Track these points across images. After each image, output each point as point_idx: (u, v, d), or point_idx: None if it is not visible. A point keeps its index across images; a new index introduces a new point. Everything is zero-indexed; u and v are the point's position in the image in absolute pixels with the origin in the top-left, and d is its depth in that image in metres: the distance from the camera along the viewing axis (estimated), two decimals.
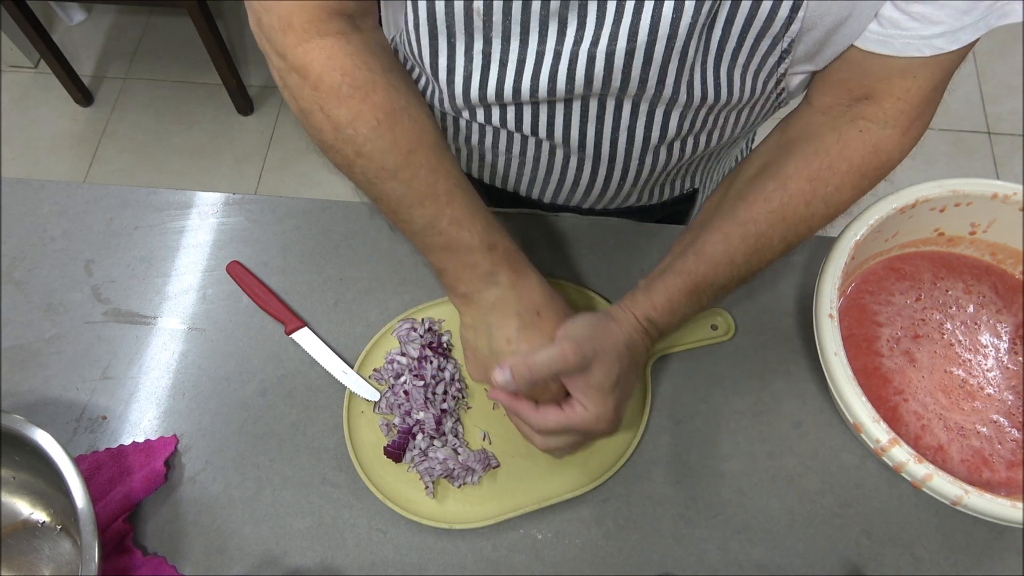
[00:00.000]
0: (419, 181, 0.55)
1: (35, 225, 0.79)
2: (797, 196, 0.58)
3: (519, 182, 0.74)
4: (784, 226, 0.59)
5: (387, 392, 0.68)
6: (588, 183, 0.70)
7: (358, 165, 0.56)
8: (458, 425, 0.68)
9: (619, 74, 0.55)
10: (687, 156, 0.68)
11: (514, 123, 0.64)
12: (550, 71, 0.56)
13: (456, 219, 0.56)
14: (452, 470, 0.64)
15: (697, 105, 0.60)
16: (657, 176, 0.70)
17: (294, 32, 0.54)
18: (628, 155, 0.65)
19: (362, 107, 0.54)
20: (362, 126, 0.54)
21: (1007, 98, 1.96)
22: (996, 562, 0.62)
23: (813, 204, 0.59)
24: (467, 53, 0.58)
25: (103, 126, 2.02)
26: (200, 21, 1.71)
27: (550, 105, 0.61)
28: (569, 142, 0.64)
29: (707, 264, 0.59)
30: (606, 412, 0.56)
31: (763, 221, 0.59)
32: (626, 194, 0.72)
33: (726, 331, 0.71)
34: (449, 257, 0.58)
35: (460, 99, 0.62)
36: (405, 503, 0.64)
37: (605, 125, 0.62)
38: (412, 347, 0.69)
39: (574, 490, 0.64)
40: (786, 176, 0.59)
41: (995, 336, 0.68)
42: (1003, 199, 0.65)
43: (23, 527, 0.64)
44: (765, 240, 0.59)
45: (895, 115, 0.57)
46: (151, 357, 0.72)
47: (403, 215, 0.57)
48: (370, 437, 0.67)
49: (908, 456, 0.55)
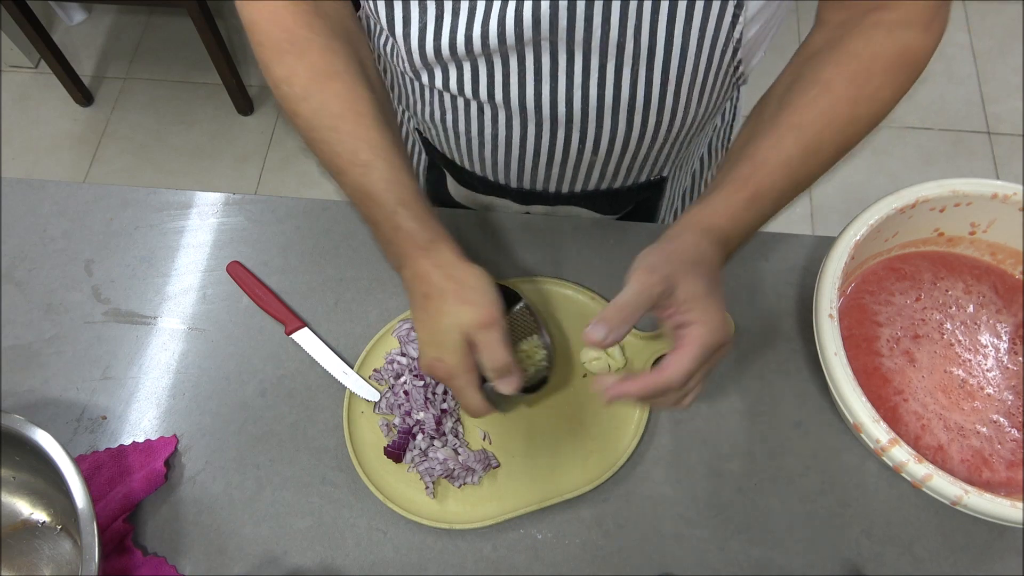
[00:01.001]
0: (343, 148, 0.58)
1: (35, 225, 0.79)
2: (842, 97, 0.57)
3: (483, 163, 0.73)
4: (833, 128, 0.58)
5: (387, 392, 0.68)
6: (548, 153, 0.69)
7: (296, 124, 0.59)
8: (458, 425, 0.68)
9: (564, 12, 0.56)
10: (649, 133, 0.66)
11: (471, 85, 0.63)
12: (499, 14, 0.57)
13: (369, 193, 0.58)
14: (452, 470, 0.64)
15: (648, 62, 0.59)
16: (620, 150, 0.68)
17: None
18: (584, 117, 0.64)
19: (296, 65, 0.58)
20: (296, 84, 0.58)
21: (1007, 98, 1.96)
22: (996, 562, 0.62)
23: (859, 104, 0.58)
24: (421, 3, 0.59)
25: (103, 126, 2.02)
26: (200, 21, 1.71)
27: (504, 59, 0.60)
28: (525, 104, 0.64)
29: (763, 170, 0.58)
30: (718, 315, 0.53)
31: (813, 124, 0.58)
32: (587, 167, 0.70)
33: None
34: (371, 228, 0.60)
35: (416, 55, 0.62)
36: (405, 503, 0.64)
37: (559, 83, 0.61)
38: (412, 347, 0.69)
39: (574, 490, 0.64)
40: (826, 80, 0.58)
41: (995, 336, 0.68)
42: (1003, 199, 0.65)
43: (23, 527, 0.64)
44: (817, 143, 0.58)
45: (915, 14, 0.57)
46: (151, 357, 0.72)
47: (337, 179, 0.60)
48: (370, 437, 0.67)
49: (908, 456, 0.55)
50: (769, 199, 0.58)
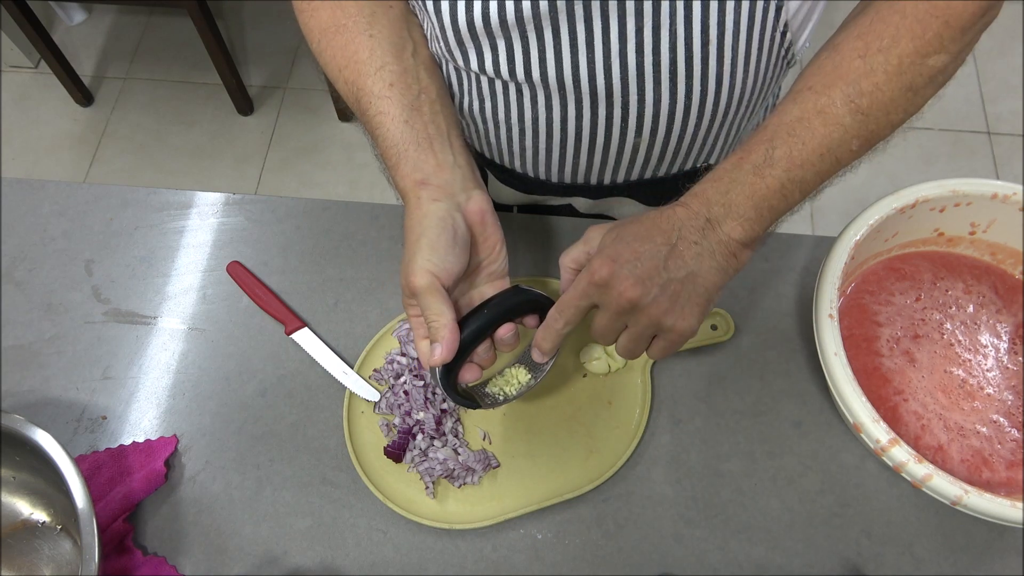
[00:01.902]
0: (347, 93, 0.60)
1: (35, 225, 0.79)
2: (849, 53, 0.53)
3: (524, 155, 0.72)
4: (843, 84, 0.53)
5: (387, 392, 0.68)
6: (590, 138, 0.67)
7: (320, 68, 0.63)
8: (458, 425, 0.68)
9: None
10: (694, 103, 0.64)
11: (507, 64, 0.62)
12: None
13: (371, 131, 0.59)
14: (452, 470, 0.65)
15: (686, 27, 0.57)
16: (665, 128, 0.66)
17: None
18: (625, 89, 0.61)
19: (310, 22, 0.62)
20: (311, 39, 0.62)
21: (1007, 98, 1.96)
22: (996, 562, 0.62)
23: (869, 57, 0.53)
24: None
25: (103, 126, 2.02)
26: (200, 21, 1.71)
27: (538, 33, 0.59)
28: (563, 80, 0.62)
29: (757, 132, 0.55)
30: (602, 258, 0.52)
31: (816, 83, 0.54)
32: (632, 151, 0.68)
33: (726, 331, 0.71)
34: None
35: (450, 30, 0.62)
36: (405, 503, 0.64)
37: (596, 53, 0.59)
38: (412, 347, 0.69)
39: (574, 490, 0.64)
40: (836, 43, 0.55)
41: (995, 336, 0.68)
42: (1003, 199, 0.65)
43: (23, 527, 0.64)
44: (824, 99, 0.53)
45: None
46: (151, 357, 0.72)
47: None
48: (370, 437, 0.67)
49: (908, 456, 0.55)
50: (760, 154, 0.54)
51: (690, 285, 0.53)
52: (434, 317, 0.53)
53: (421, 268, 0.53)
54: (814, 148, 0.53)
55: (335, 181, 1.89)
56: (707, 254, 0.53)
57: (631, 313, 0.53)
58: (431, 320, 0.53)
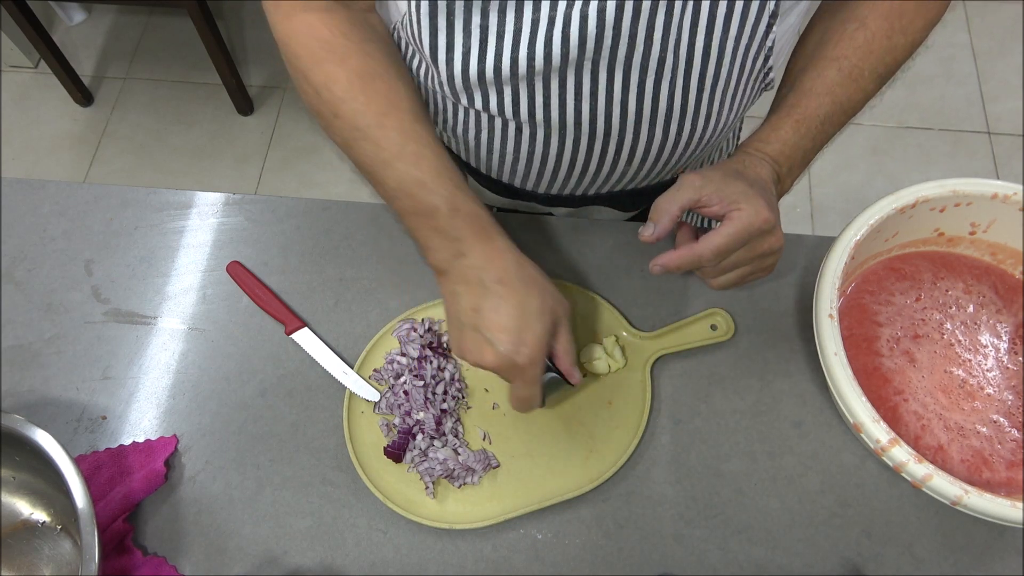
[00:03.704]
0: (389, 143, 0.58)
1: (35, 225, 0.79)
2: (878, 31, 0.63)
3: (514, 175, 0.74)
4: (872, 59, 0.64)
5: (387, 392, 0.68)
6: (583, 165, 0.70)
7: (336, 127, 0.60)
8: (458, 425, 0.68)
9: (610, 31, 0.57)
10: (683, 141, 0.68)
11: (511, 107, 0.64)
12: (545, 37, 0.58)
13: (422, 182, 0.57)
14: (452, 470, 0.65)
15: (685, 75, 0.61)
16: (654, 158, 0.70)
17: (282, 9, 0.60)
18: (623, 129, 0.66)
19: (337, 70, 0.59)
20: (336, 87, 0.58)
21: (1007, 98, 1.95)
22: (996, 562, 0.62)
23: (893, 36, 0.64)
24: (465, 28, 0.59)
25: (103, 126, 2.02)
26: (200, 21, 1.71)
27: (545, 81, 0.61)
28: (565, 122, 0.65)
29: (808, 97, 0.63)
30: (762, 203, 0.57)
31: (852, 56, 0.63)
32: (620, 174, 0.72)
33: (726, 331, 0.71)
34: (419, 222, 0.59)
35: (459, 79, 0.63)
36: (405, 504, 0.64)
37: (599, 100, 0.63)
38: (412, 347, 0.69)
39: (574, 490, 0.64)
40: (863, 16, 0.64)
41: (995, 336, 0.68)
42: (1003, 199, 0.65)
43: (23, 527, 0.64)
44: (857, 72, 0.63)
45: None
46: (151, 357, 0.72)
47: (378, 176, 0.59)
48: (370, 437, 0.67)
49: (908, 456, 0.55)
50: (816, 121, 0.63)
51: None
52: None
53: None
54: (847, 111, 0.65)
55: (335, 181, 1.89)
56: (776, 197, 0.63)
57: (772, 252, 0.60)
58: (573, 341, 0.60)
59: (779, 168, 0.63)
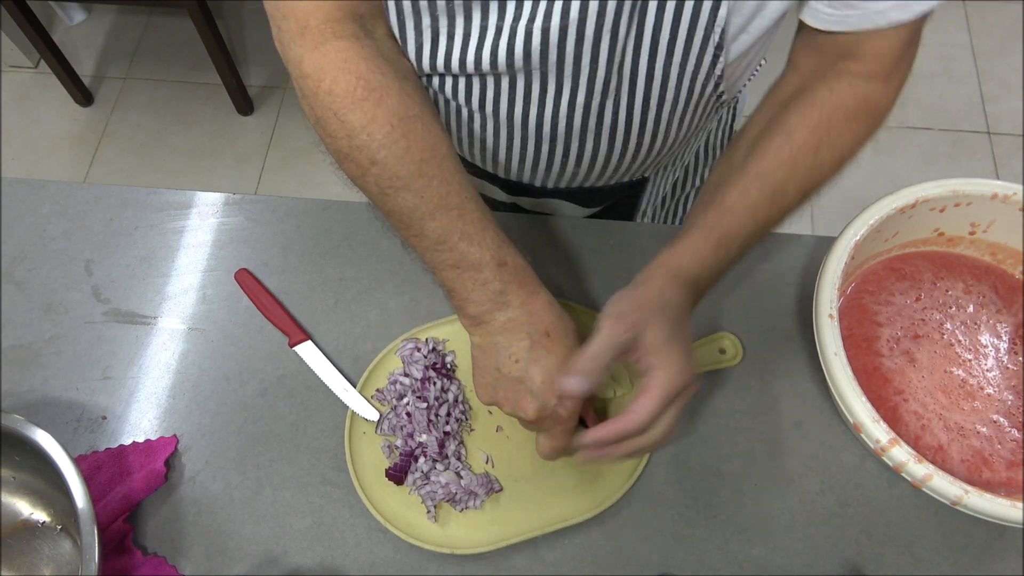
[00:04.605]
0: (432, 192, 0.55)
1: (35, 225, 0.79)
2: (804, 146, 0.60)
3: (472, 156, 0.77)
4: (797, 176, 0.61)
5: (389, 413, 0.67)
6: (533, 161, 0.72)
7: (372, 174, 0.55)
8: (461, 448, 0.66)
9: (554, 50, 0.58)
10: (630, 152, 0.68)
11: (464, 95, 0.65)
12: (492, 45, 0.59)
13: (468, 234, 0.56)
14: (455, 494, 0.63)
15: (629, 95, 0.62)
16: (602, 164, 0.70)
17: (311, 34, 0.55)
18: (568, 137, 0.66)
19: (376, 111, 0.54)
20: (376, 131, 0.54)
21: (1007, 98, 1.95)
22: (996, 562, 0.62)
23: (820, 152, 0.61)
24: (416, 28, 0.60)
25: (103, 126, 2.02)
26: (200, 21, 1.71)
27: (496, 80, 0.63)
28: (513, 120, 0.66)
29: (728, 216, 0.60)
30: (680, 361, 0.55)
31: (777, 172, 0.60)
32: (571, 174, 0.73)
33: (734, 355, 0.70)
34: (459, 275, 0.57)
35: (415, 65, 0.64)
36: (407, 527, 0.63)
37: (546, 107, 0.64)
38: (415, 368, 0.68)
39: (578, 515, 0.63)
40: (790, 129, 0.61)
41: (995, 336, 0.68)
42: (1003, 199, 0.65)
43: (23, 527, 0.64)
44: (781, 190, 0.61)
45: (875, 69, 0.60)
46: (151, 357, 0.72)
47: (415, 229, 0.56)
48: (371, 458, 0.66)
49: (908, 456, 0.55)
50: (736, 243, 0.60)
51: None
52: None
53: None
54: (767, 228, 0.62)
55: (335, 181, 1.87)
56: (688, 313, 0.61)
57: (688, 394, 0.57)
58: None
59: (697, 288, 0.61)
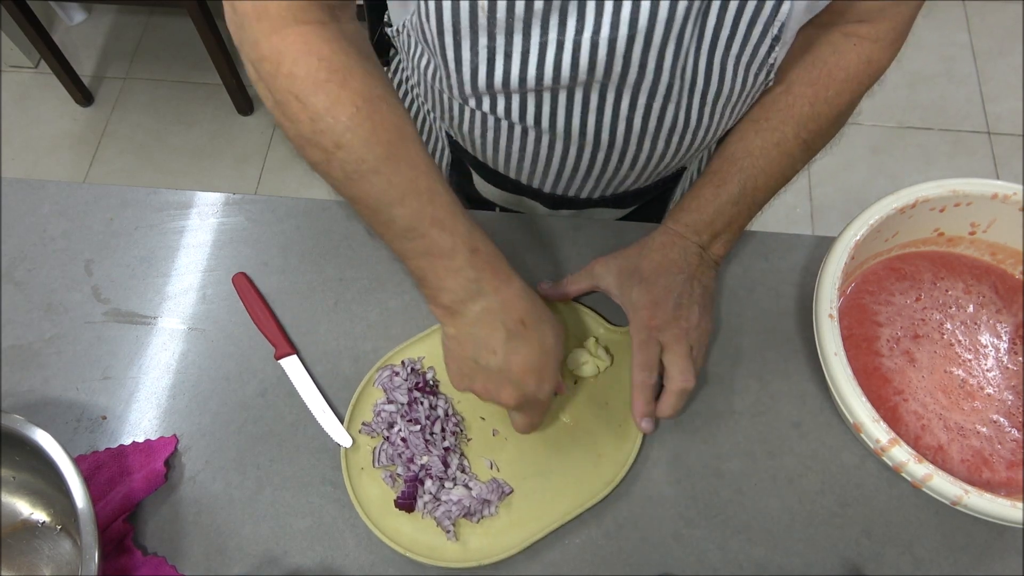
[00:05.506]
0: (400, 177, 0.53)
1: (35, 225, 0.79)
2: (801, 97, 0.65)
3: (520, 172, 0.74)
4: (794, 122, 0.65)
5: (384, 444, 0.66)
6: (587, 170, 0.71)
7: (337, 159, 0.53)
8: (463, 460, 0.66)
9: (620, 60, 0.57)
10: (684, 148, 0.68)
11: (518, 113, 0.64)
12: (554, 60, 0.57)
13: (438, 219, 0.54)
14: (469, 507, 0.63)
15: (689, 94, 0.62)
16: (655, 164, 0.71)
17: (269, 19, 0.52)
18: (627, 142, 0.66)
19: (340, 92, 0.52)
20: (341, 114, 0.51)
21: (1007, 98, 1.96)
22: (996, 562, 0.62)
23: (817, 105, 0.65)
24: (472, 48, 0.58)
25: (103, 126, 2.02)
26: (200, 21, 1.71)
27: (554, 94, 0.61)
28: (570, 132, 0.65)
29: (728, 161, 0.66)
30: (641, 315, 0.63)
31: (774, 118, 0.66)
32: (622, 178, 0.73)
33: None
34: (431, 263, 0.55)
35: (468, 86, 0.62)
36: (428, 552, 0.62)
37: (605, 115, 0.63)
38: (399, 393, 0.67)
39: (592, 498, 0.63)
40: (790, 81, 0.66)
41: (995, 336, 0.68)
42: (1003, 199, 0.65)
43: (23, 527, 0.64)
44: (779, 136, 0.65)
45: (886, 32, 0.64)
46: (151, 357, 0.72)
47: (383, 215, 0.55)
48: (375, 491, 0.65)
49: (908, 456, 0.55)
50: (734, 182, 0.65)
51: (708, 297, 0.67)
52: None
53: None
54: (773, 175, 0.66)
55: None
56: (706, 267, 0.67)
57: (685, 336, 0.63)
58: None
59: (699, 238, 0.66)
